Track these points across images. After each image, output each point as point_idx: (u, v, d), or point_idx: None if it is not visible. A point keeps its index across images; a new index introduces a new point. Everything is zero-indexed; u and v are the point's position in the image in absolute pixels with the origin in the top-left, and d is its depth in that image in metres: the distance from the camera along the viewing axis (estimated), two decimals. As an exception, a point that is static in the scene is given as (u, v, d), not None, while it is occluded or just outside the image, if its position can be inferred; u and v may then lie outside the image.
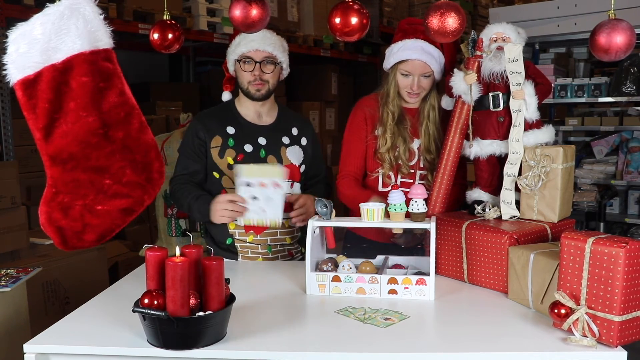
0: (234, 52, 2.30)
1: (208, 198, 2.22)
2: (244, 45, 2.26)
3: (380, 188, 2.33)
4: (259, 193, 2.15)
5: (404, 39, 2.25)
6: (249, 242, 2.29)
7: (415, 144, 2.31)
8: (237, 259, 2.32)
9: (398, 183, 2.29)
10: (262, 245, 2.30)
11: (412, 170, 2.30)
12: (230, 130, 2.31)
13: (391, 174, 2.31)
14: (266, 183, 2.16)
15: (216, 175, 2.30)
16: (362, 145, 2.34)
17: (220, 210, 2.15)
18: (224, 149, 2.28)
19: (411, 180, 2.31)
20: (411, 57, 2.21)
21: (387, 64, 2.31)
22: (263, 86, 2.28)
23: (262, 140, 2.32)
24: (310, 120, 2.58)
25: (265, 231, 2.29)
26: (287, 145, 2.36)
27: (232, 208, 2.14)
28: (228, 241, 2.31)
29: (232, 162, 2.27)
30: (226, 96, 2.45)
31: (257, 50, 2.24)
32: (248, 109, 2.36)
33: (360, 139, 2.34)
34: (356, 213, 2.04)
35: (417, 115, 2.33)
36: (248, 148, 2.30)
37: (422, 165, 2.31)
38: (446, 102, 2.23)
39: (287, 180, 2.31)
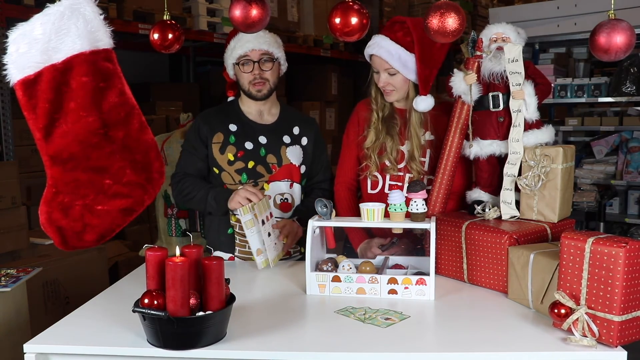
0: (231, 57, 2.33)
1: (225, 189, 2.26)
2: (239, 47, 2.29)
3: (369, 190, 2.29)
4: (266, 229, 2.17)
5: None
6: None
7: (406, 147, 2.25)
8: (233, 253, 2.32)
9: (386, 186, 2.24)
10: None
11: (400, 173, 2.24)
12: (232, 127, 2.35)
13: (377, 175, 2.26)
14: (262, 218, 2.16)
15: (216, 170, 2.33)
16: (353, 151, 2.34)
17: (240, 197, 2.12)
18: (225, 146, 2.32)
19: (400, 183, 2.24)
20: (368, 52, 2.23)
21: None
22: (264, 85, 2.30)
23: (262, 139, 2.35)
24: (314, 120, 2.57)
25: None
26: (287, 145, 2.37)
27: (250, 196, 2.13)
28: (229, 231, 2.33)
29: (232, 159, 2.31)
30: None
31: (253, 49, 2.28)
32: (250, 108, 2.39)
33: (351, 144, 2.34)
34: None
35: (405, 117, 2.26)
36: (248, 145, 2.33)
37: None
38: (417, 103, 2.15)
39: (286, 179, 2.32)
